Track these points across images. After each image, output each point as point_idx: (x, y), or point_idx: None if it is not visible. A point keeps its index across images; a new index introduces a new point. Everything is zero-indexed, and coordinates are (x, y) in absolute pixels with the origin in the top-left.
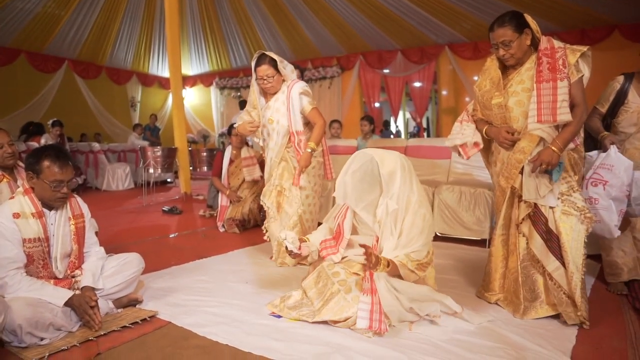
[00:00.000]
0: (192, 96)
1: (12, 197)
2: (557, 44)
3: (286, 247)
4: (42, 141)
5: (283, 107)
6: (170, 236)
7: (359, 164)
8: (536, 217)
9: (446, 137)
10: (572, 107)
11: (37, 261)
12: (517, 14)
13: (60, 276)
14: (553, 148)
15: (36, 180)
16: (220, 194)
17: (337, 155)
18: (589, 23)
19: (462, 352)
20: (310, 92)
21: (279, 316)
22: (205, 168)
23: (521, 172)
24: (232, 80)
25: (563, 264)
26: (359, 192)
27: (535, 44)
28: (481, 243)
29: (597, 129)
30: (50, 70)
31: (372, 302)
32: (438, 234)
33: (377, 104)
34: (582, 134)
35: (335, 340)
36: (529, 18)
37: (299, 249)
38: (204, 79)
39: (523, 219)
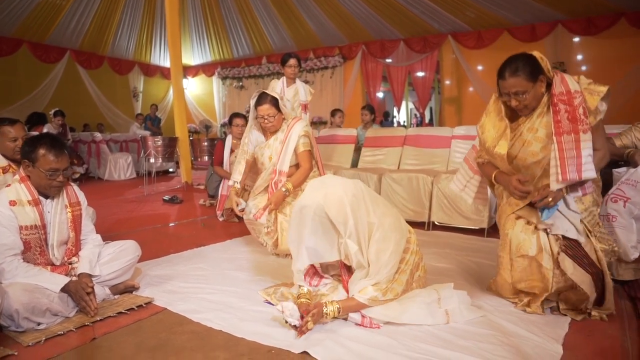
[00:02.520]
0: (194, 86)
1: (9, 185)
2: (572, 86)
3: (286, 322)
4: (44, 131)
5: (281, 146)
6: (170, 225)
7: (309, 221)
8: (574, 250)
9: (449, 127)
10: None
11: (34, 248)
12: (530, 59)
13: (57, 263)
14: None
15: (32, 169)
16: (222, 183)
17: (337, 145)
18: (595, 11)
19: (454, 339)
20: (310, 133)
21: (272, 304)
22: (206, 158)
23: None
24: (234, 70)
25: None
26: (324, 246)
27: (547, 82)
28: (479, 232)
29: (616, 150)
30: (53, 60)
31: (361, 314)
32: (436, 223)
33: (379, 94)
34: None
35: (328, 326)
36: (538, 55)
37: (302, 319)
38: (206, 69)
39: (559, 253)
